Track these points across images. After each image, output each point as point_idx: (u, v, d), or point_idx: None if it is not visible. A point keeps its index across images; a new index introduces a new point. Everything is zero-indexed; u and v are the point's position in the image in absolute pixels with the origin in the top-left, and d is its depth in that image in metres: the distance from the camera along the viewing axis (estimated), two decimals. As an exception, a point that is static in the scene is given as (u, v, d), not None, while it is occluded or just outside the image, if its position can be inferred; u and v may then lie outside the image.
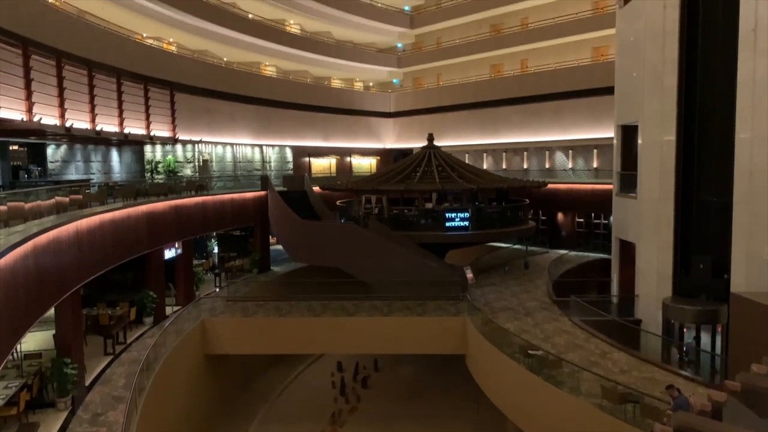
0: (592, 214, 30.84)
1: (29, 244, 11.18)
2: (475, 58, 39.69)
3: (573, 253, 28.92)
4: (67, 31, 20.51)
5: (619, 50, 20.77)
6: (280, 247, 28.27)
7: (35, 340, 16.10)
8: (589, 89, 30.72)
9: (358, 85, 45.06)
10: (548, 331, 17.10)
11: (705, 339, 15.83)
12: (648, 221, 17.59)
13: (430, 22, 42.43)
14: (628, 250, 19.48)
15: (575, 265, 26.72)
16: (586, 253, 28.91)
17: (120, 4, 26.12)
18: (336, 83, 42.91)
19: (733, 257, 14.72)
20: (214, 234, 28.72)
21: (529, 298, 21.17)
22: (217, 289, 24.36)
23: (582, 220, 31.51)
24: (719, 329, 15.59)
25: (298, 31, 38.52)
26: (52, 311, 14.16)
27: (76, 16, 23.15)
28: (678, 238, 16.63)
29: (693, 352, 15.75)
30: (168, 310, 20.79)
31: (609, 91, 21.76)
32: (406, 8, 43.66)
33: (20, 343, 13.67)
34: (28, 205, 13.24)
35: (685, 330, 16.18)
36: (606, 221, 29.45)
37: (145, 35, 29.55)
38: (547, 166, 34.58)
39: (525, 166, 35.66)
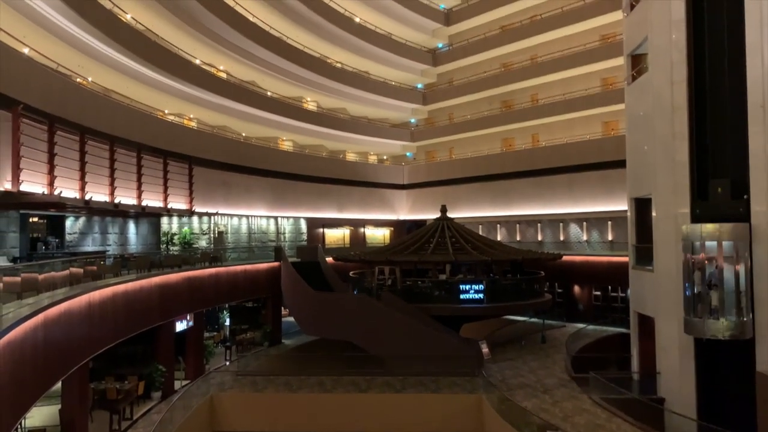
0: (609, 287, 30.32)
1: (40, 317, 11.17)
2: (486, 132, 40.54)
3: (591, 327, 28.22)
4: (92, 109, 21.34)
5: (629, 125, 21.08)
6: (291, 319, 27.97)
7: (41, 415, 15.77)
8: (601, 162, 30.95)
9: (372, 158, 45.94)
10: (568, 409, 16.43)
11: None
12: (666, 295, 17.21)
13: (442, 98, 43.75)
14: (647, 324, 18.98)
15: (593, 339, 26.01)
16: (604, 327, 28.18)
17: (144, 83, 27.31)
18: (351, 156, 43.81)
19: (757, 332, 14.27)
20: (226, 306, 28.56)
21: (547, 375, 20.50)
22: (228, 363, 23.95)
23: (599, 293, 30.97)
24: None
25: (315, 108, 39.78)
26: (58, 385, 13.95)
27: (101, 94, 24.17)
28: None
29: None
30: (177, 384, 20.37)
31: (620, 164, 21.93)
32: (419, 86, 45.15)
33: (24, 418, 13.38)
34: (41, 277, 13.32)
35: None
36: (623, 294, 28.89)
37: (166, 111, 30.68)
38: (561, 238, 34.41)
39: (539, 238, 35.51)
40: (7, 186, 15.69)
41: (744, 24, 15.08)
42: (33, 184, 16.44)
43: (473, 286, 24.16)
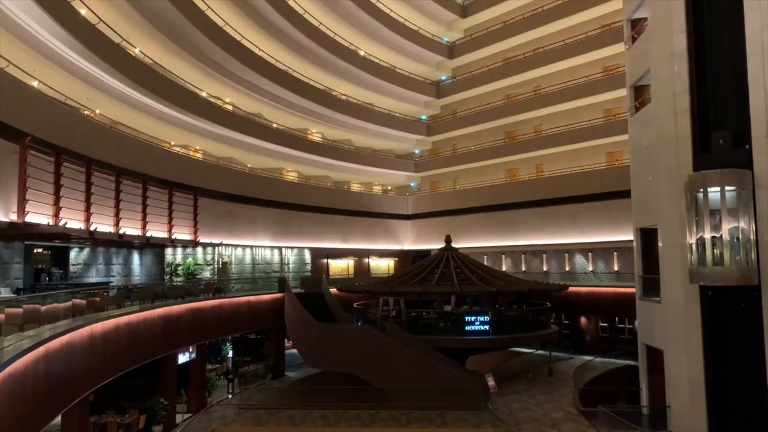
0: (616, 319, 29.96)
1: (41, 349, 11.07)
2: (490, 163, 40.70)
3: (598, 359, 27.80)
4: (99, 140, 21.57)
5: (633, 155, 21.09)
6: (295, 351, 27.67)
7: (39, 450, 15.49)
8: (605, 192, 30.93)
9: (377, 189, 46.08)
10: (576, 445, 16.06)
11: None
12: (675, 327, 16.95)
13: (446, 130, 44.07)
14: (655, 356, 18.65)
15: (601, 372, 25.57)
16: (612, 360, 27.74)
17: (151, 115, 27.64)
18: (355, 187, 43.96)
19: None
20: (230, 337, 28.32)
21: (555, 408, 20.11)
22: (230, 396, 23.62)
23: (606, 324, 30.59)
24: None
25: (320, 139, 40.11)
26: (58, 418, 13.75)
27: (108, 126, 24.44)
28: (708, 345, 15.93)
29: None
30: (178, 417, 20.08)
31: (625, 194, 21.87)
32: (423, 117, 45.55)
33: (23, 454, 13.15)
34: (44, 308, 13.27)
35: None
36: (631, 326, 28.54)
37: (173, 143, 30.96)
38: (567, 268, 34.18)
39: (545, 269, 35.29)
40: (13, 217, 15.75)
41: (746, 55, 15.18)
42: (38, 215, 16.50)
43: (479, 317, 23.93)
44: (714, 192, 14.93)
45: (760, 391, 14.44)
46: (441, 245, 29.26)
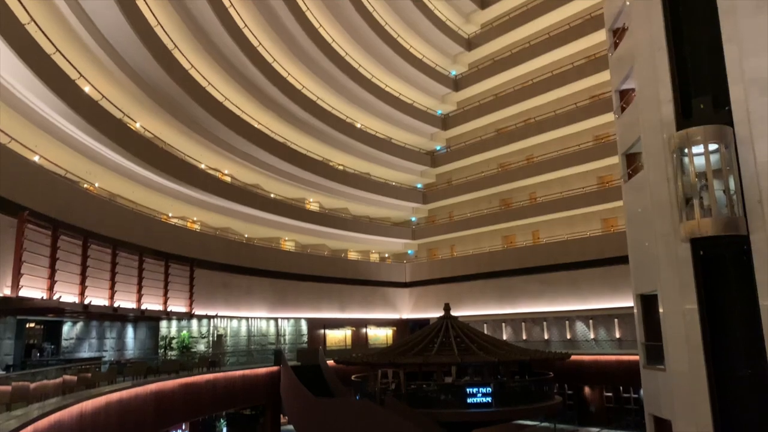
0: (621, 388, 29.22)
1: (29, 429, 10.66)
2: (486, 230, 40.88)
3: (605, 430, 26.91)
4: (96, 213, 21.66)
5: (628, 221, 21.21)
6: (291, 427, 26.72)
7: None
8: (603, 259, 30.91)
9: (374, 257, 46.00)
10: None
11: None
12: (682, 395, 16.48)
13: (441, 197, 44.56)
14: (663, 427, 18.02)
15: (609, 445, 24.75)
16: (618, 431, 26.88)
17: (150, 187, 27.89)
18: (352, 255, 43.89)
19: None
20: (224, 413, 27.41)
21: (563, 485, 19.26)
22: (223, 476, 22.62)
23: (610, 393, 29.80)
24: None
25: (317, 208, 40.41)
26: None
27: (107, 199, 24.62)
28: (717, 416, 15.44)
29: None
30: (168, 501, 19.14)
31: (623, 260, 21.83)
32: (419, 185, 46.15)
33: None
34: (33, 386, 12.89)
35: None
36: (636, 395, 27.81)
37: (170, 215, 31.11)
38: (568, 336, 33.65)
39: (546, 337, 34.74)
40: (7, 292, 15.57)
41: (733, 123, 15.58)
42: (32, 289, 16.32)
43: (481, 389, 23.30)
44: (698, 150, 15.25)
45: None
46: (440, 313, 28.90)
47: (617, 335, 31.24)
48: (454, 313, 28.84)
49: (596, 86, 36.33)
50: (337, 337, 39.54)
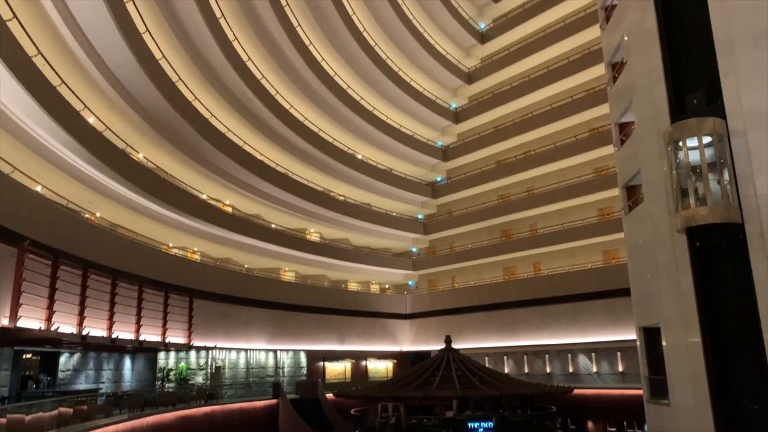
0: (625, 423, 28.71)
1: (22, 464, 10.45)
2: (487, 261, 40.76)
3: (610, 467, 26.39)
4: (97, 243, 21.65)
5: (629, 253, 21.13)
6: (290, 462, 26.21)
7: None
8: (604, 291, 30.69)
9: (375, 288, 45.75)
10: None
11: None
12: (688, 430, 16.21)
13: (442, 228, 44.56)
14: (670, 465, 17.68)
15: (614, 482, 24.20)
16: (624, 468, 26.35)
17: (152, 218, 27.93)
18: (353, 286, 43.65)
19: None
20: (221, 447, 26.90)
21: None
22: None
23: (614, 429, 29.27)
24: None
25: (318, 239, 40.37)
26: None
27: (107, 229, 24.63)
28: (724, 452, 15.14)
29: None
30: None
31: (625, 292, 21.66)
32: (420, 216, 46.21)
33: None
34: (28, 418, 12.71)
35: None
36: (641, 430, 27.30)
37: (171, 245, 31.07)
38: (570, 369, 33.23)
39: (548, 370, 34.30)
40: (5, 322, 15.45)
41: (733, 159, 15.67)
42: (30, 320, 16.20)
43: (482, 423, 22.89)
44: (692, 141, 15.23)
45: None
46: (440, 346, 28.57)
47: (620, 369, 30.86)
48: (455, 345, 28.52)
49: (595, 119, 36.67)
50: (336, 369, 39.04)
